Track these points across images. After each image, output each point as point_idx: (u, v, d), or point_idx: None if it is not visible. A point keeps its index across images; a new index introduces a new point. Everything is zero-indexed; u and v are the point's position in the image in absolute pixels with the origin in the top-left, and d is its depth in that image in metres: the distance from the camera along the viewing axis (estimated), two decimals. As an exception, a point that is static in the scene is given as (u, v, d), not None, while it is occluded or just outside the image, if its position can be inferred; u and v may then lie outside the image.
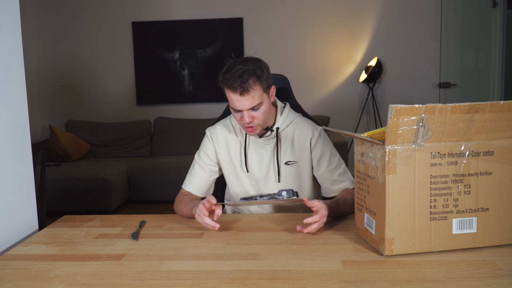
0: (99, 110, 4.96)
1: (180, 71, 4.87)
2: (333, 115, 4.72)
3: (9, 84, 1.35)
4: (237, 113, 1.46)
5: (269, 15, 4.77)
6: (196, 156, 1.62)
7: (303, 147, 1.56)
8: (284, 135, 1.57)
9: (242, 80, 1.39)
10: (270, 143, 1.56)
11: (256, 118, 1.45)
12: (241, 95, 1.40)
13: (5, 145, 1.32)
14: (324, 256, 1.10)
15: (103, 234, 1.33)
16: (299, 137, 1.56)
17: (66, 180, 3.92)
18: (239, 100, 1.41)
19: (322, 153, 1.56)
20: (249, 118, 1.44)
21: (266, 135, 1.55)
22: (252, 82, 1.40)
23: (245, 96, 1.40)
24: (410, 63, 4.74)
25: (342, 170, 1.57)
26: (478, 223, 1.09)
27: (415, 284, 0.94)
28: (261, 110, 1.45)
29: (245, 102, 1.41)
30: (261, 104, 1.44)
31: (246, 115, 1.43)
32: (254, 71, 1.41)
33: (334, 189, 1.56)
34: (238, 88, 1.39)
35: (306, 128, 1.58)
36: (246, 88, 1.39)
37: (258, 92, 1.42)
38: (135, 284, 0.97)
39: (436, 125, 1.02)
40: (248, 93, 1.40)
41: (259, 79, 1.41)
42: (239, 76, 1.39)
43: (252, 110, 1.43)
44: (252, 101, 1.41)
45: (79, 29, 4.88)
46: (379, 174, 1.07)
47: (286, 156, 1.56)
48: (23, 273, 1.05)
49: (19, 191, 1.38)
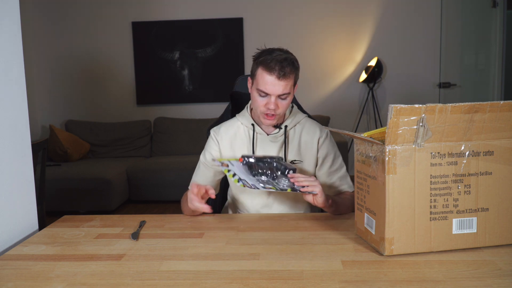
0: (99, 110, 4.96)
1: (180, 71, 4.88)
2: (333, 115, 4.72)
3: (9, 84, 1.35)
4: (263, 98, 1.47)
5: (269, 15, 4.77)
6: (201, 157, 1.63)
7: (310, 146, 1.58)
8: (291, 134, 1.58)
9: (282, 65, 1.42)
10: (278, 141, 1.57)
11: (281, 107, 1.47)
12: (278, 79, 1.42)
13: (5, 145, 1.32)
14: (324, 256, 1.10)
15: (103, 234, 1.33)
16: (306, 137, 1.58)
17: (66, 180, 3.92)
18: (273, 83, 1.43)
19: (327, 153, 1.58)
20: (275, 105, 1.45)
21: (274, 132, 1.56)
22: (290, 70, 1.43)
23: (280, 81, 1.43)
24: (410, 63, 4.74)
25: (342, 174, 1.60)
26: (478, 223, 1.09)
27: (415, 284, 0.93)
28: (287, 101, 1.48)
29: (278, 87, 1.43)
30: (289, 95, 1.47)
31: (273, 100, 1.45)
32: (293, 61, 1.45)
33: (331, 191, 1.58)
34: (278, 71, 1.41)
35: (313, 128, 1.60)
36: (285, 73, 1.42)
37: (291, 82, 1.45)
38: (135, 284, 0.97)
39: (436, 125, 1.02)
40: (284, 79, 1.43)
41: (296, 70, 1.46)
42: (281, 60, 1.42)
43: (280, 98, 1.46)
44: (285, 88, 1.44)
45: (79, 29, 4.88)
46: (379, 174, 1.07)
47: (292, 154, 1.57)
48: (23, 273, 1.05)
49: (19, 191, 1.38)
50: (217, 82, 4.84)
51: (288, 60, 1.43)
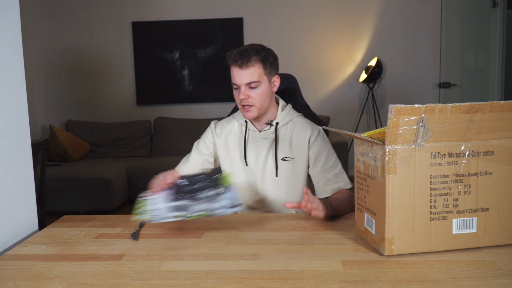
0: (99, 110, 4.96)
1: (180, 71, 4.87)
2: (333, 115, 4.72)
3: (9, 84, 1.35)
4: (237, 91, 1.51)
5: (269, 15, 4.77)
6: (195, 144, 1.68)
7: (302, 144, 1.58)
8: (283, 131, 1.59)
9: (243, 54, 1.46)
10: (269, 137, 1.58)
11: (253, 97, 1.49)
12: (240, 67, 1.46)
13: (5, 145, 1.32)
14: (324, 256, 1.10)
15: (103, 234, 1.33)
16: (298, 135, 1.59)
17: (66, 180, 3.92)
18: (238, 73, 1.47)
19: (319, 152, 1.57)
20: (245, 94, 1.48)
21: (265, 129, 1.58)
22: (253, 58, 1.46)
23: (243, 70, 1.46)
24: (410, 63, 4.73)
25: (337, 171, 1.58)
26: (478, 223, 1.09)
27: (415, 284, 0.93)
28: (258, 91, 1.49)
29: (243, 76, 1.46)
30: (259, 84, 1.48)
31: (243, 90, 1.48)
32: (258, 50, 1.48)
33: (327, 189, 1.56)
34: (238, 60, 1.45)
35: (305, 126, 1.60)
36: (245, 62, 1.45)
37: (258, 70, 1.47)
38: (135, 284, 0.97)
39: (436, 125, 1.02)
40: (247, 67, 1.46)
41: (262, 59, 1.48)
42: (242, 51, 1.47)
43: (249, 88, 1.48)
44: (251, 76, 1.46)
45: (79, 29, 4.87)
46: (379, 174, 1.07)
47: (284, 152, 1.58)
48: (23, 273, 1.05)
49: (19, 191, 1.38)
50: (217, 82, 4.84)
51: (252, 49, 1.46)
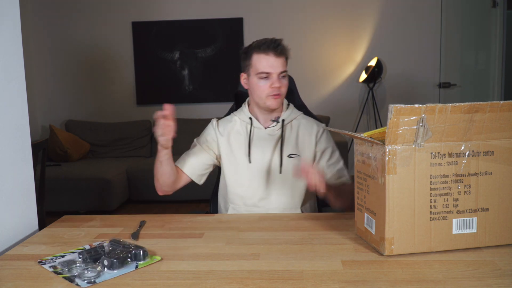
0: (99, 110, 4.96)
1: (180, 71, 4.87)
2: (333, 115, 4.72)
3: (9, 84, 1.35)
4: (266, 80, 1.50)
5: (269, 15, 4.77)
6: (195, 140, 1.66)
7: (309, 140, 1.60)
8: (288, 128, 1.60)
9: (276, 43, 1.47)
10: (275, 134, 1.58)
11: (283, 86, 1.51)
12: (276, 56, 1.47)
13: (5, 145, 1.32)
14: (324, 256, 1.10)
15: (103, 234, 1.33)
16: (304, 132, 1.61)
17: (66, 180, 3.92)
18: (272, 61, 1.47)
19: (325, 147, 1.61)
20: (279, 82, 1.49)
21: (272, 125, 1.58)
22: (283, 47, 1.49)
23: (278, 58, 1.47)
24: (410, 63, 4.73)
25: (340, 166, 1.62)
26: (478, 223, 1.09)
27: (415, 284, 0.93)
28: (286, 82, 1.52)
29: (277, 64, 1.47)
30: (287, 74, 1.52)
31: (276, 78, 1.48)
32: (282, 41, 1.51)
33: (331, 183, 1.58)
34: (275, 49, 1.46)
35: (311, 123, 1.64)
36: (281, 50, 1.47)
37: (286, 61, 1.51)
38: (135, 284, 0.97)
39: (436, 125, 1.02)
40: (281, 56, 1.48)
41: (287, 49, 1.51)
42: (273, 41, 1.48)
43: (281, 76, 1.50)
44: (283, 65, 1.49)
45: (79, 29, 4.87)
46: (379, 174, 1.07)
47: (289, 149, 1.58)
48: (23, 273, 1.05)
49: (19, 191, 1.38)
50: (217, 82, 4.83)
51: (278, 40, 1.49)
